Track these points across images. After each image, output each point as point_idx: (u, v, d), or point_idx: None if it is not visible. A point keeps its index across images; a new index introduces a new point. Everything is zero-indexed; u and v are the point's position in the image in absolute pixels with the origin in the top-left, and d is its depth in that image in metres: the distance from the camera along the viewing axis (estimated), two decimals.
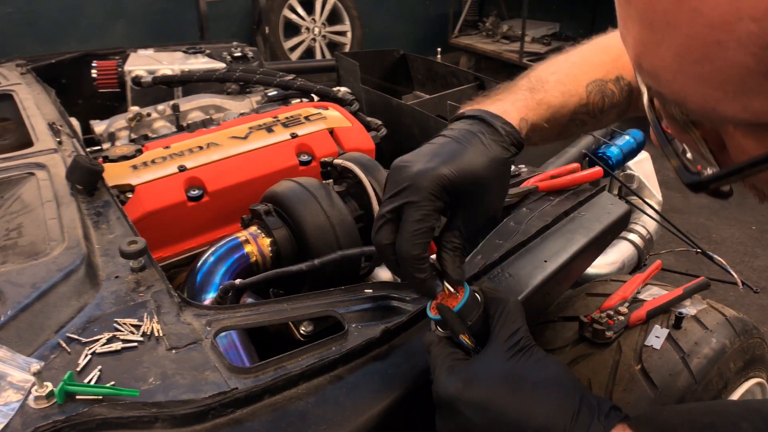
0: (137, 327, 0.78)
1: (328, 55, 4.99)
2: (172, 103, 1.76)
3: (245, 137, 1.44)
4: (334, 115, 1.59)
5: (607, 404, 0.65)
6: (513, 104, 0.80)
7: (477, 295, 0.72)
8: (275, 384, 0.72)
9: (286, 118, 1.54)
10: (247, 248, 1.13)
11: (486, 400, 0.64)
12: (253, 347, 0.95)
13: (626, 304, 1.17)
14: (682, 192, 3.51)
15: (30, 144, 1.32)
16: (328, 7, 5.03)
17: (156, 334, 0.77)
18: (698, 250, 1.77)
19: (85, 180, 1.12)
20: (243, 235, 1.15)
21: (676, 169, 0.48)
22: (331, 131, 1.53)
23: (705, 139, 0.48)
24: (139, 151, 1.37)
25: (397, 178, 0.72)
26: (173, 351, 0.75)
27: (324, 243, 1.15)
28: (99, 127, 1.70)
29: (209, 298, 1.06)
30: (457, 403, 0.65)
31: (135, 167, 1.32)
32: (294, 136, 1.47)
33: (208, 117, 1.79)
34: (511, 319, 0.69)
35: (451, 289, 0.73)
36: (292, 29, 4.97)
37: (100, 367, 0.72)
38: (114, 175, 1.27)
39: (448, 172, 0.69)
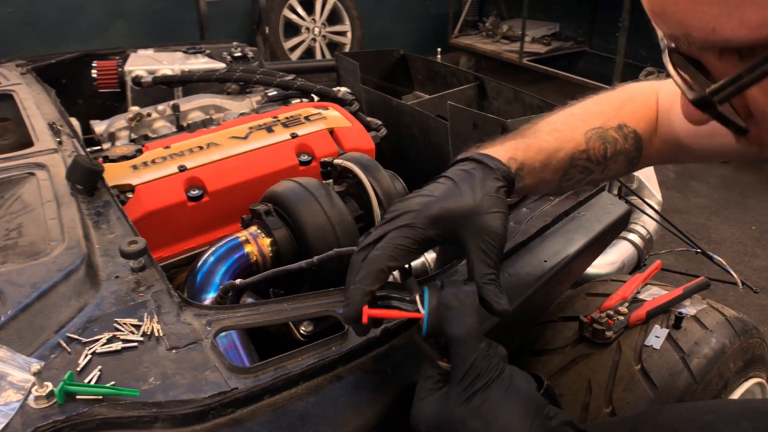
0: (137, 327, 0.78)
1: (328, 55, 4.99)
2: (172, 103, 1.76)
3: (245, 137, 1.44)
4: (334, 115, 1.59)
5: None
6: (502, 146, 0.83)
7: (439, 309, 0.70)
8: (275, 384, 0.73)
9: (286, 118, 1.54)
10: (247, 248, 1.13)
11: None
12: (253, 347, 0.95)
13: (626, 304, 1.18)
14: (682, 192, 3.51)
15: (30, 144, 1.32)
16: (328, 7, 5.03)
17: (156, 334, 0.78)
18: (698, 250, 1.77)
19: (86, 180, 1.13)
20: (243, 235, 1.15)
21: (683, 92, 0.52)
22: (331, 131, 1.53)
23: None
24: (140, 151, 1.37)
25: (393, 209, 0.75)
26: (173, 351, 0.75)
27: (324, 243, 1.15)
28: (99, 127, 1.70)
29: (209, 298, 1.06)
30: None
31: (135, 167, 1.32)
32: (294, 136, 1.47)
33: (208, 117, 1.79)
34: (465, 347, 0.67)
35: (416, 312, 0.70)
36: (292, 29, 4.97)
37: (100, 367, 0.72)
38: (114, 175, 1.27)
39: (441, 206, 0.73)
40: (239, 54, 2.07)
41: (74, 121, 1.57)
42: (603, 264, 1.70)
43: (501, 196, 0.76)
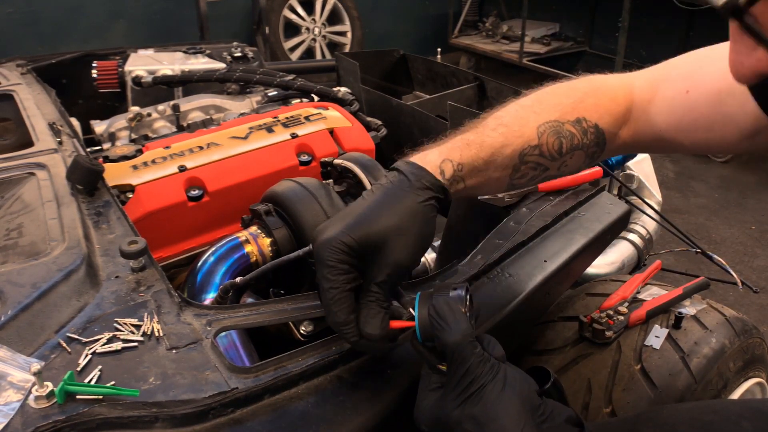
0: (137, 327, 0.78)
1: (328, 56, 4.99)
2: (172, 103, 1.76)
3: (245, 137, 1.44)
4: (334, 116, 1.59)
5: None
6: (437, 148, 0.80)
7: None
8: (275, 384, 0.73)
9: (287, 118, 1.54)
10: (248, 248, 1.13)
11: None
12: (253, 347, 0.95)
13: (626, 304, 1.18)
14: (682, 192, 3.51)
15: (30, 144, 1.32)
16: (328, 7, 5.03)
17: (156, 334, 0.78)
18: (698, 250, 1.77)
19: (86, 180, 1.13)
20: (243, 235, 1.15)
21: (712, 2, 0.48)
22: (331, 131, 1.53)
23: None
24: (140, 151, 1.37)
25: (313, 249, 0.72)
26: (173, 351, 0.75)
27: None
28: (99, 127, 1.70)
29: (209, 298, 1.06)
30: None
31: (135, 167, 1.32)
32: (294, 136, 1.47)
33: (208, 117, 1.79)
34: (459, 354, 0.67)
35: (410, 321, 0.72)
36: (292, 29, 4.97)
37: (100, 366, 0.72)
38: (114, 175, 1.27)
39: (348, 239, 0.69)
40: (239, 54, 2.07)
41: (74, 121, 1.57)
42: (603, 264, 1.70)
43: (420, 215, 0.73)
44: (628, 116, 0.88)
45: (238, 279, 0.99)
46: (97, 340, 0.76)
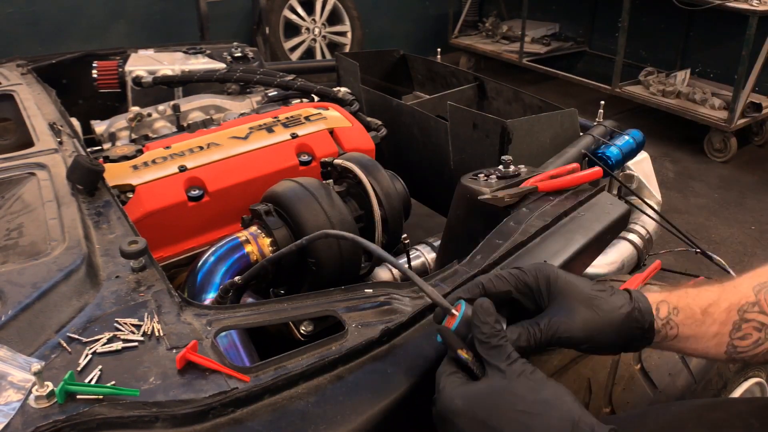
0: (138, 327, 0.78)
1: (328, 56, 4.99)
2: (172, 103, 1.76)
3: (245, 137, 1.44)
4: (334, 116, 1.59)
5: (603, 429, 0.65)
6: (659, 291, 0.79)
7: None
8: (275, 384, 0.73)
9: (287, 118, 1.54)
10: (248, 248, 1.14)
11: (485, 418, 0.66)
12: (253, 347, 0.95)
13: None
14: (682, 192, 3.51)
15: (31, 144, 1.32)
16: (328, 7, 5.02)
17: (156, 334, 0.78)
18: (698, 250, 1.77)
19: (86, 180, 1.13)
20: (243, 234, 1.16)
21: None
22: (331, 131, 1.53)
23: None
24: (140, 152, 1.37)
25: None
26: (174, 351, 0.75)
27: (324, 243, 1.15)
28: (99, 127, 1.70)
29: (209, 297, 1.06)
30: (458, 419, 0.67)
31: (135, 167, 1.32)
32: (294, 136, 1.47)
33: (208, 117, 1.79)
34: (497, 338, 0.69)
35: (453, 311, 0.75)
36: (292, 29, 4.97)
37: (100, 366, 0.72)
38: (114, 175, 1.28)
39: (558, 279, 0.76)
40: (239, 54, 2.07)
41: (75, 122, 1.57)
42: (603, 264, 1.70)
43: (616, 312, 0.73)
44: None
45: (237, 278, 0.99)
46: (98, 340, 0.76)
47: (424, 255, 1.53)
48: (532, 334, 0.73)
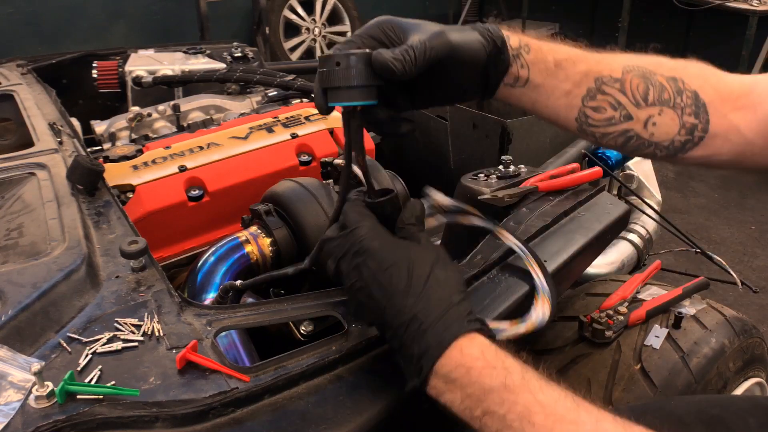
0: (138, 327, 0.78)
1: None
2: (172, 103, 1.76)
3: (245, 137, 1.44)
4: (334, 115, 1.59)
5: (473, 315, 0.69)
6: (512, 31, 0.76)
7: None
8: (275, 384, 0.73)
9: (287, 118, 1.54)
10: (248, 248, 1.14)
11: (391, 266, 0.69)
12: (253, 347, 0.95)
13: (626, 304, 1.18)
14: (682, 192, 3.51)
15: (31, 144, 1.32)
16: (328, 7, 5.03)
17: (156, 334, 0.78)
18: (698, 250, 1.77)
19: (86, 180, 1.13)
20: (243, 235, 1.16)
21: None
22: (331, 131, 1.53)
23: None
24: (140, 151, 1.37)
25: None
26: (174, 351, 0.75)
27: None
28: (99, 127, 1.70)
29: (209, 297, 1.06)
30: (369, 258, 0.70)
31: (135, 167, 1.32)
32: (294, 136, 1.47)
33: (208, 117, 1.79)
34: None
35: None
36: (293, 29, 4.97)
37: (100, 366, 0.72)
38: (115, 175, 1.28)
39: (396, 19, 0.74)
40: (239, 54, 2.07)
41: (75, 122, 1.57)
42: (603, 264, 1.70)
43: (474, 36, 0.72)
44: (741, 103, 0.75)
45: (238, 282, 0.99)
46: (98, 339, 0.76)
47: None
48: (408, 57, 0.69)
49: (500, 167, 1.23)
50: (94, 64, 1.91)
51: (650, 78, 0.75)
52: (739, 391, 1.21)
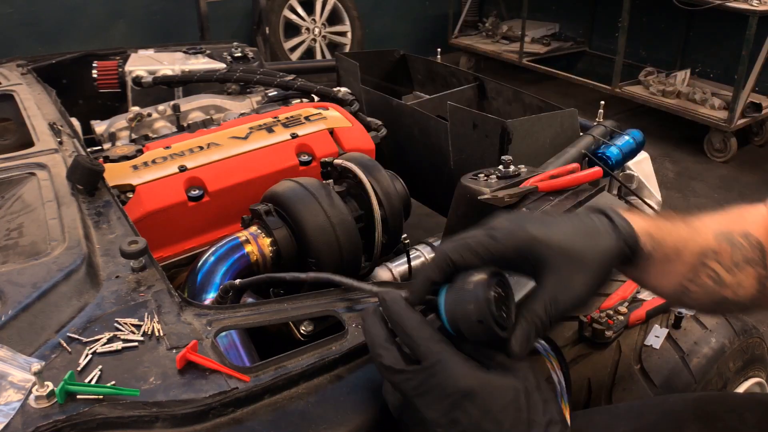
0: (138, 327, 0.78)
1: (328, 56, 4.99)
2: (172, 103, 1.76)
3: (245, 137, 1.44)
4: (334, 116, 1.59)
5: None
6: (641, 216, 0.73)
7: None
8: (275, 384, 0.73)
9: (287, 118, 1.54)
10: (248, 248, 1.14)
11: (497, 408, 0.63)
12: (253, 347, 0.95)
13: (626, 304, 1.18)
14: (682, 192, 3.51)
15: (31, 144, 1.32)
16: (328, 7, 5.02)
17: (156, 334, 0.78)
18: None
19: (86, 180, 1.13)
20: (243, 234, 1.16)
21: None
22: (331, 131, 1.53)
23: None
24: (140, 151, 1.37)
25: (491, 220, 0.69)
26: (174, 351, 0.75)
27: (324, 243, 1.15)
28: (99, 127, 1.70)
29: (210, 297, 1.06)
30: (469, 401, 0.63)
31: (135, 167, 1.32)
32: (294, 136, 1.47)
33: (208, 117, 1.79)
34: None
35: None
36: (293, 30, 4.97)
37: (100, 366, 0.72)
38: (115, 175, 1.28)
39: (536, 236, 0.66)
40: (239, 54, 2.07)
41: (75, 122, 1.57)
42: None
43: (608, 261, 0.67)
44: None
45: (237, 281, 0.99)
46: (98, 339, 0.76)
47: (424, 255, 1.52)
48: (538, 325, 0.66)
49: (500, 167, 1.23)
50: (94, 64, 1.92)
51: (733, 239, 0.75)
52: (739, 391, 1.20)
